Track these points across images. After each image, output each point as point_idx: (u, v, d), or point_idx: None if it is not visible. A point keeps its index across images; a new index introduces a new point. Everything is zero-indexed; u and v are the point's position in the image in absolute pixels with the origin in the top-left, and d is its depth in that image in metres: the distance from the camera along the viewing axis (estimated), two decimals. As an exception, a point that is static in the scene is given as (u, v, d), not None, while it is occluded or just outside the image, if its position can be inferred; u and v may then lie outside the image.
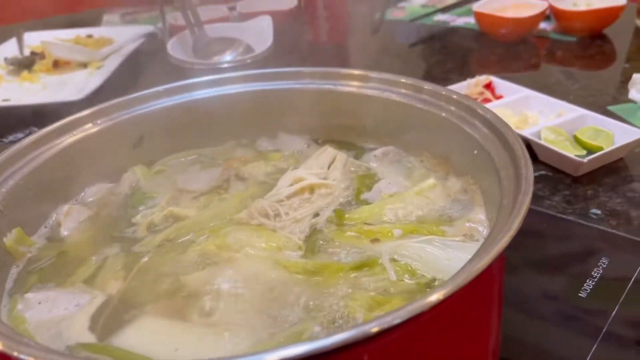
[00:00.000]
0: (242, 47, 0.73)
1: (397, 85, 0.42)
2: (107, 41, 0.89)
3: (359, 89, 0.44)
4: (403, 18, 0.95)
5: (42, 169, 0.37)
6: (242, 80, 0.46)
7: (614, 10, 0.78)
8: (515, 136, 0.32)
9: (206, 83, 0.45)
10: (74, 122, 0.40)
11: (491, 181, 0.33)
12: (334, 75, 0.44)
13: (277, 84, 0.46)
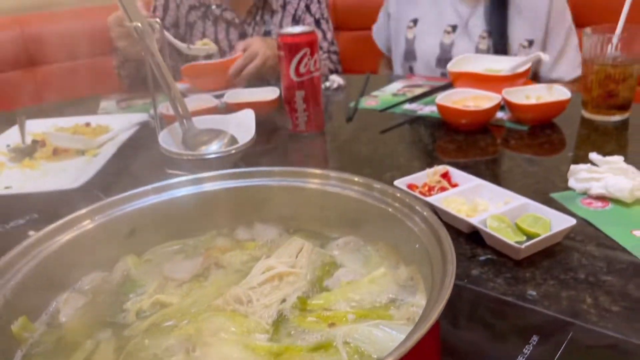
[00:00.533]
0: (227, 138, 0.81)
1: (352, 183, 0.49)
2: (104, 129, 0.97)
3: (322, 186, 0.50)
4: (375, 107, 1.04)
5: (45, 263, 0.43)
6: (222, 178, 0.53)
7: (560, 103, 0.87)
8: (446, 234, 0.39)
9: (190, 181, 0.52)
10: (74, 219, 0.46)
11: (428, 272, 0.39)
12: (301, 173, 0.52)
13: (252, 181, 0.53)
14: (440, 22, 1.32)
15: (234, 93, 1.06)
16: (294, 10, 1.39)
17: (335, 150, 0.91)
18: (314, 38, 0.88)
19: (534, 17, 1.25)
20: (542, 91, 0.92)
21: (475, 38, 1.27)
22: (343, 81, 1.21)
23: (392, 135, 0.93)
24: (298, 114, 0.91)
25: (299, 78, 0.88)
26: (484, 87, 0.94)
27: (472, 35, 1.28)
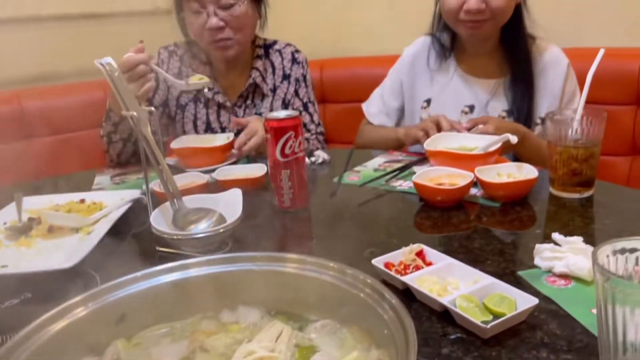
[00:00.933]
0: (215, 217, 0.85)
1: (327, 269, 0.53)
2: (98, 206, 1.01)
3: (300, 270, 0.55)
4: (357, 182, 1.10)
5: (40, 350, 0.46)
6: (207, 264, 0.57)
7: (529, 182, 0.93)
8: (410, 322, 0.43)
9: (177, 267, 0.56)
10: (67, 308, 0.50)
11: (395, 357, 0.42)
12: (280, 258, 0.56)
13: (235, 266, 0.57)
14: (456, 103, 1.37)
15: (224, 170, 1.11)
16: (283, 94, 1.48)
17: (319, 226, 0.95)
18: (298, 122, 0.94)
19: (553, 97, 1.32)
20: (513, 169, 0.98)
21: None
22: (328, 156, 1.28)
23: (373, 210, 0.98)
24: (284, 192, 0.96)
25: (285, 158, 0.94)
26: (458, 165, 1.01)
27: (492, 115, 1.32)
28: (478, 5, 1.21)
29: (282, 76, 1.49)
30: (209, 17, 1.29)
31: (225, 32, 1.32)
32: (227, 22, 1.31)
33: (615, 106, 1.63)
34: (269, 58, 1.49)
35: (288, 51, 1.51)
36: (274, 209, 0.98)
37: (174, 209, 0.85)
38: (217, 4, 1.29)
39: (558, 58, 1.34)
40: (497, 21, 1.26)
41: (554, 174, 0.95)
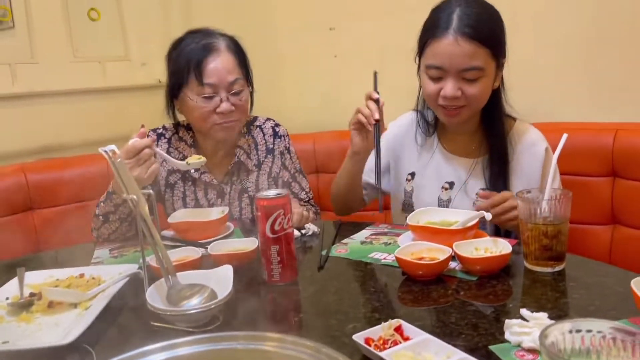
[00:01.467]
0: (207, 293, 0.91)
1: (304, 347, 0.58)
2: (96, 280, 1.06)
3: (280, 349, 0.60)
4: (344, 255, 1.16)
5: None
6: (194, 343, 0.62)
7: (504, 257, 0.99)
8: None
9: (167, 347, 0.61)
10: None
11: None
12: (261, 337, 0.61)
13: (220, 344, 0.62)
14: (437, 178, 1.42)
15: (217, 244, 1.17)
16: (268, 169, 1.56)
17: (306, 300, 1.00)
18: (287, 200, 1.01)
19: (528, 178, 1.35)
20: (489, 244, 1.04)
21: (473, 195, 1.37)
22: (317, 229, 1.34)
23: (358, 284, 1.04)
24: (273, 266, 1.02)
25: (274, 235, 1.00)
26: (438, 239, 1.07)
27: (470, 192, 1.37)
28: (454, 92, 1.27)
29: (265, 151, 1.57)
30: (222, 102, 1.40)
31: (234, 115, 1.43)
32: (236, 107, 1.42)
33: (593, 178, 1.72)
34: (251, 134, 1.57)
35: (268, 126, 1.59)
36: (264, 283, 1.03)
37: (169, 285, 0.91)
38: (229, 91, 1.40)
39: (536, 141, 1.38)
40: (473, 107, 1.32)
41: (527, 249, 1.01)
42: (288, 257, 1.02)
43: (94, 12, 2.78)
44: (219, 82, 1.39)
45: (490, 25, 1.28)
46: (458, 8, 1.27)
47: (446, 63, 1.26)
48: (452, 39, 1.24)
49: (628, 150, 1.64)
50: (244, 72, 1.45)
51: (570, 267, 1.00)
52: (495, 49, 1.28)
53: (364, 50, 2.39)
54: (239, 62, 1.44)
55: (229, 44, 1.44)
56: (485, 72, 1.27)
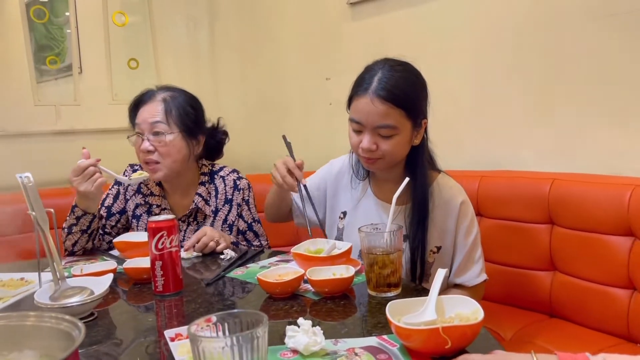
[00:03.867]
0: (87, 293, 1.12)
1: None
2: (28, 282, 1.31)
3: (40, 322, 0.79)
4: (238, 275, 1.33)
5: None
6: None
7: (346, 280, 1.13)
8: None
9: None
10: None
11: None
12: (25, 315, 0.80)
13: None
14: (365, 221, 1.43)
15: (133, 261, 1.38)
16: (224, 216, 1.73)
17: (171, 306, 1.17)
18: (171, 224, 1.22)
19: (444, 230, 1.44)
20: (343, 270, 1.18)
21: None
22: (235, 254, 1.52)
23: (227, 297, 1.22)
24: (157, 279, 1.21)
25: (158, 252, 1.20)
26: (311, 264, 1.22)
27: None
28: (369, 145, 1.37)
29: (223, 200, 1.73)
30: (142, 140, 1.63)
31: (154, 156, 1.63)
32: (156, 147, 1.62)
33: (532, 224, 1.78)
34: (214, 183, 1.75)
35: (231, 178, 1.76)
36: (152, 293, 1.23)
37: (57, 287, 1.12)
38: (150, 131, 1.63)
39: (452, 196, 1.45)
40: (387, 160, 1.41)
41: (367, 276, 1.14)
42: (171, 271, 1.21)
43: (133, 62, 3.18)
44: (142, 122, 1.63)
45: (406, 89, 1.37)
46: (380, 71, 1.38)
47: (363, 119, 1.37)
48: (369, 99, 1.35)
49: (563, 198, 1.70)
50: (176, 120, 1.64)
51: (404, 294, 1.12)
52: (409, 110, 1.37)
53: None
54: (168, 110, 1.64)
55: (164, 96, 1.67)
56: (399, 130, 1.37)
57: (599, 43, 1.73)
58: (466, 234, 1.46)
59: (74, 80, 2.97)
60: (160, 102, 1.66)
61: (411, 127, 1.40)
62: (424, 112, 1.43)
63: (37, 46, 2.94)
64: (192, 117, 1.69)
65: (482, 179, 1.92)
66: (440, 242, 1.46)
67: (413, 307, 0.91)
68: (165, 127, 1.63)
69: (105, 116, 3.06)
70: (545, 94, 1.90)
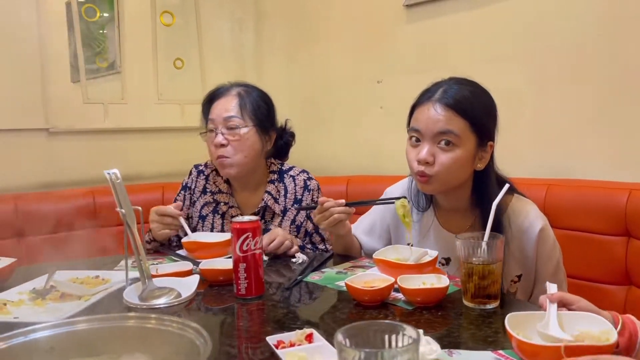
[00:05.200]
0: (174, 294, 1.09)
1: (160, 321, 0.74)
2: (106, 281, 1.29)
3: (156, 325, 0.76)
4: (316, 280, 1.29)
5: None
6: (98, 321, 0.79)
7: (441, 290, 1.08)
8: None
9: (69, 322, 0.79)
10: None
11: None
12: (124, 317, 0.77)
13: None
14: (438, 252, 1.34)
15: (208, 262, 1.35)
16: (293, 216, 1.71)
17: (256, 310, 1.13)
18: (256, 225, 1.18)
19: (524, 257, 1.34)
20: (434, 279, 1.13)
21: None
22: (307, 258, 1.49)
23: (312, 303, 1.17)
24: (240, 281, 1.18)
25: (243, 253, 1.17)
26: (395, 272, 1.17)
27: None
28: (426, 156, 1.29)
29: (293, 200, 1.71)
30: (216, 135, 1.62)
31: (227, 150, 1.62)
32: (229, 141, 1.62)
33: (607, 236, 1.71)
34: (283, 182, 1.73)
35: (301, 178, 1.73)
36: (234, 296, 1.19)
37: (144, 287, 1.10)
38: (224, 126, 1.62)
39: (531, 223, 1.34)
40: (441, 178, 1.31)
41: (464, 287, 1.09)
42: (254, 274, 1.18)
43: (179, 62, 3.18)
44: (216, 117, 1.63)
45: (473, 102, 1.31)
46: (446, 84, 1.33)
47: (422, 126, 1.31)
48: (431, 106, 1.30)
49: (641, 210, 1.63)
50: (250, 115, 1.65)
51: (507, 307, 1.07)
52: (474, 123, 1.30)
53: (407, 103, 2.54)
54: (242, 104, 1.64)
55: (238, 91, 1.67)
56: (461, 140, 1.29)
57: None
58: (547, 260, 1.36)
59: (121, 78, 2.98)
60: (235, 96, 1.66)
61: (475, 145, 1.31)
62: (491, 134, 1.34)
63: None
64: (265, 112, 1.68)
65: (550, 187, 1.85)
66: (521, 269, 1.36)
67: (531, 322, 0.86)
68: (240, 121, 1.63)
69: (151, 115, 3.07)
70: (611, 101, 1.83)
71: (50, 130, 2.64)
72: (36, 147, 2.58)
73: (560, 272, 1.39)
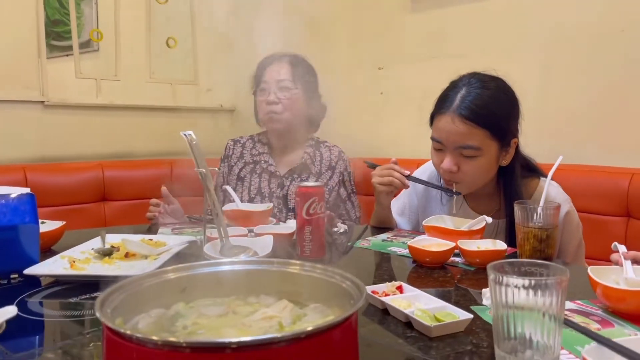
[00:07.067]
0: (251, 252, 1.13)
1: (316, 269, 0.79)
2: (162, 244, 1.31)
3: (300, 271, 0.81)
4: (367, 246, 1.36)
5: (128, 299, 0.73)
6: (242, 263, 0.84)
7: (499, 252, 1.17)
8: (363, 286, 0.68)
9: (219, 263, 0.83)
10: (159, 272, 0.77)
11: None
12: (289, 263, 0.82)
13: (259, 266, 0.83)
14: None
15: (261, 227, 1.40)
16: (326, 180, 1.85)
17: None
18: (321, 190, 1.24)
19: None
20: (489, 244, 1.22)
21: None
22: (347, 228, 1.55)
23: (375, 265, 1.24)
24: (305, 243, 1.23)
25: (309, 217, 1.22)
26: (447, 239, 1.25)
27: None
28: (450, 167, 1.34)
29: (327, 166, 1.87)
30: (269, 94, 1.78)
31: (278, 107, 1.79)
32: (280, 100, 1.79)
33: (609, 217, 1.86)
34: (319, 150, 1.90)
35: (336, 150, 1.91)
36: (297, 257, 1.24)
37: (222, 244, 1.13)
38: (277, 86, 1.78)
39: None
40: (468, 184, 1.37)
41: (521, 249, 1.18)
42: (318, 236, 1.23)
43: (171, 41, 3.15)
44: (270, 79, 1.78)
45: (492, 107, 1.32)
46: (464, 88, 1.33)
47: (444, 139, 1.34)
48: (450, 118, 1.31)
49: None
50: (299, 80, 1.81)
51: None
52: (495, 130, 1.32)
53: (408, 90, 2.64)
54: (294, 71, 1.81)
55: (290, 59, 1.83)
56: (483, 151, 1.32)
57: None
58: (572, 239, 1.41)
59: (115, 55, 2.93)
60: (287, 63, 1.82)
61: (497, 148, 1.35)
62: (514, 132, 1.37)
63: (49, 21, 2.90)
64: (311, 79, 1.87)
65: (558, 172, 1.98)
66: None
67: (607, 275, 0.95)
68: (291, 84, 1.80)
69: (143, 93, 3.04)
70: (615, 95, 1.98)
71: (46, 103, 2.58)
72: (32, 120, 2.52)
73: (581, 248, 1.49)
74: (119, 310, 0.70)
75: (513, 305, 0.67)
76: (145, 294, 0.76)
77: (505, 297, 0.68)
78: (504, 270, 0.70)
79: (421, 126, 2.37)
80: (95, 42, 3.14)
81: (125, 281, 0.74)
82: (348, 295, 0.73)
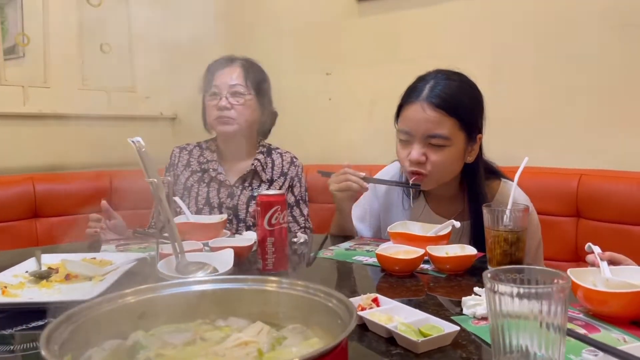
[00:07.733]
0: (210, 269, 1.04)
1: (297, 286, 0.71)
2: (108, 262, 1.18)
3: (277, 288, 0.73)
4: (331, 257, 1.29)
5: (80, 328, 0.63)
6: (208, 282, 0.75)
7: (468, 257, 1.14)
8: (352, 305, 0.61)
9: (185, 283, 0.74)
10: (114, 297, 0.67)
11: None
12: (263, 280, 0.74)
13: (229, 285, 0.75)
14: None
15: (217, 240, 1.30)
16: (279, 187, 1.77)
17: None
18: (283, 199, 1.16)
19: None
20: (457, 249, 1.19)
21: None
22: (308, 238, 1.48)
23: (342, 276, 1.17)
24: (268, 256, 1.15)
25: (271, 227, 1.14)
26: (414, 245, 1.21)
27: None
28: (418, 156, 1.31)
29: (280, 173, 1.81)
30: (220, 99, 1.70)
31: (230, 113, 1.71)
32: (233, 105, 1.71)
33: (559, 217, 1.88)
34: (271, 157, 1.82)
35: (288, 156, 1.85)
36: (258, 271, 1.16)
37: (177, 261, 1.03)
38: (229, 91, 1.71)
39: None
40: (435, 176, 1.34)
41: (490, 254, 1.15)
42: (281, 248, 1.16)
43: (106, 46, 2.97)
44: (221, 83, 1.70)
45: (460, 97, 1.32)
46: (433, 80, 1.33)
47: (412, 128, 1.32)
48: (420, 107, 1.30)
49: (590, 193, 1.81)
50: (252, 85, 1.74)
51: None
52: (463, 121, 1.32)
53: (357, 95, 2.60)
54: (246, 75, 1.72)
55: (242, 62, 1.74)
56: (452, 141, 1.31)
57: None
58: (531, 239, 1.39)
59: (44, 61, 2.74)
60: (239, 66, 1.74)
61: (465, 141, 1.34)
62: (479, 127, 1.38)
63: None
64: (264, 84, 1.78)
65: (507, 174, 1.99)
66: None
67: (585, 277, 0.93)
68: (244, 89, 1.72)
69: (75, 101, 2.85)
70: (563, 97, 2.02)
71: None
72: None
73: (540, 248, 1.50)
74: (67, 345, 0.59)
75: (514, 314, 0.62)
76: (97, 323, 0.66)
77: (501, 306, 0.63)
78: (500, 279, 0.65)
79: (372, 131, 2.35)
80: (22, 46, 2.91)
81: (73, 310, 0.64)
82: (332, 314, 0.66)
